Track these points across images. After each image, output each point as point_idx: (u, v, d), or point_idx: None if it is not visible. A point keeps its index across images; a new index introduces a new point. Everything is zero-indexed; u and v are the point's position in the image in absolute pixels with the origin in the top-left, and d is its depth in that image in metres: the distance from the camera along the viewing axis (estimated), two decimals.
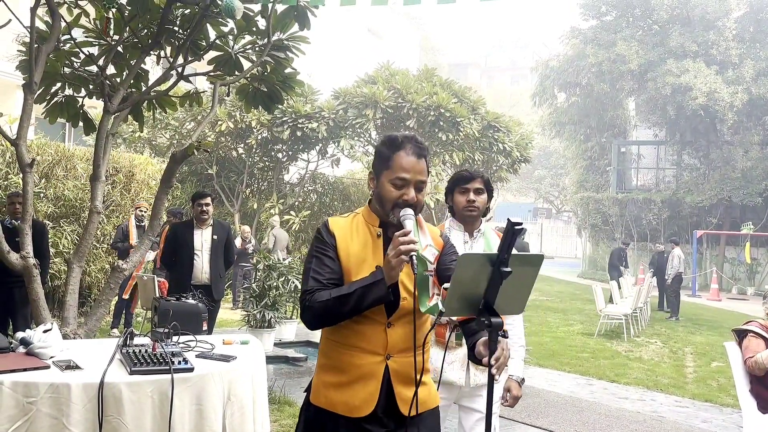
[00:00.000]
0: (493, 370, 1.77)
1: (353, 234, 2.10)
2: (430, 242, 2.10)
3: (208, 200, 6.09)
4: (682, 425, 5.84)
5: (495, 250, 2.82)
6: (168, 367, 2.63)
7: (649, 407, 6.44)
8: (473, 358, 1.95)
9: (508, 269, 1.73)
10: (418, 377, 2.05)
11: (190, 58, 5.12)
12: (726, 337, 8.00)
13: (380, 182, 2.07)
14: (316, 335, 8.97)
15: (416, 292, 1.98)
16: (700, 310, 15.57)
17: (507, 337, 1.82)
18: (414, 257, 1.88)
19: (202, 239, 6.06)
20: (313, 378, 2.17)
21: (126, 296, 8.46)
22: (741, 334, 4.71)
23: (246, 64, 5.20)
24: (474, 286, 1.78)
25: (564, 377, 7.60)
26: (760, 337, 4.51)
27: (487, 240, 2.91)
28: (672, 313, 13.62)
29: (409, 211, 2.00)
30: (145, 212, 8.35)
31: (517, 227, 1.72)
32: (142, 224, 8.31)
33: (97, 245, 9.18)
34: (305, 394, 2.22)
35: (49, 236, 7.15)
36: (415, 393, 2.02)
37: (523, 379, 3.02)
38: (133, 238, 8.19)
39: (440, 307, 1.89)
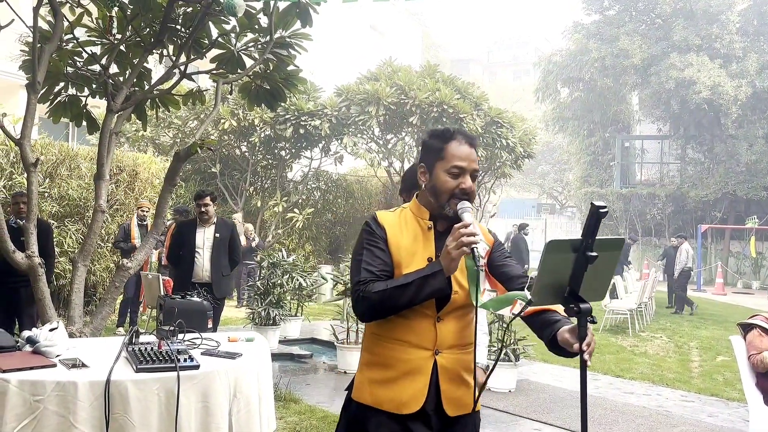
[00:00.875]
0: (586, 356, 1.75)
1: (402, 227, 2.08)
2: (481, 237, 2.09)
3: (207, 200, 6.09)
4: (688, 419, 5.83)
5: None
6: (174, 365, 2.63)
7: (655, 402, 6.44)
8: (555, 349, 1.91)
9: (594, 253, 1.71)
10: (467, 375, 2.05)
11: (192, 57, 5.12)
12: (731, 331, 7.99)
13: (434, 174, 2.05)
14: (321, 333, 9.00)
15: (476, 288, 1.95)
16: (705, 305, 15.52)
17: (595, 323, 1.81)
18: (475, 249, 1.88)
19: (204, 237, 6.07)
20: (356, 375, 2.13)
21: (141, 299, 8.51)
22: (746, 328, 4.70)
23: (248, 62, 5.20)
24: (559, 274, 1.76)
25: (569, 372, 7.59)
26: (766, 332, 4.50)
27: None
28: (677, 308, 13.58)
29: (467, 204, 2.00)
30: (147, 212, 8.39)
31: (602, 210, 1.71)
32: (144, 224, 8.36)
33: (102, 244, 9.20)
34: (346, 392, 2.18)
35: (54, 236, 7.17)
36: (481, 387, 2.01)
37: (488, 366, 3.00)
38: (135, 238, 8.23)
39: (528, 296, 1.86)
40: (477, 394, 2.06)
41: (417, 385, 1.99)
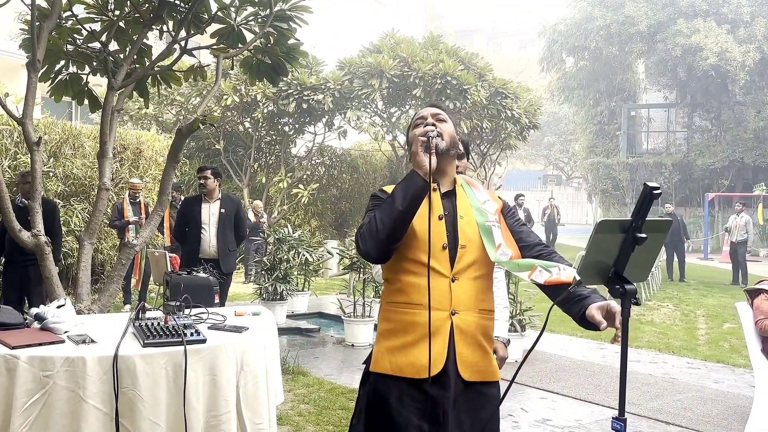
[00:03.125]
0: (619, 333, 1.76)
1: None
2: (488, 198, 2.18)
3: (207, 173, 6.13)
4: (694, 386, 5.87)
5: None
6: (180, 339, 2.66)
7: (661, 369, 6.47)
8: (584, 324, 1.91)
9: (644, 235, 1.71)
10: (485, 341, 2.11)
11: (192, 32, 5.08)
12: (738, 298, 8.00)
13: (409, 138, 2.17)
14: (328, 307, 9.06)
15: (490, 243, 2.02)
16: (712, 273, 15.54)
17: (639, 304, 1.84)
18: (431, 137, 1.98)
19: (210, 213, 6.09)
20: (374, 348, 2.14)
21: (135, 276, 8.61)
22: (753, 294, 4.70)
23: (249, 36, 5.15)
24: (606, 253, 1.77)
25: (576, 342, 7.64)
26: None
27: None
28: (742, 279, 13.15)
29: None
30: (138, 192, 8.47)
31: (655, 192, 1.70)
32: (137, 201, 8.43)
33: (108, 222, 9.26)
34: (364, 366, 2.20)
35: (60, 215, 7.20)
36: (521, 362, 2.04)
37: (509, 339, 3.04)
38: (128, 216, 8.30)
39: (577, 277, 1.88)
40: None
41: (436, 347, 1.99)
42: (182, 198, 8.28)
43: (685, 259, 14.20)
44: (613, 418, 1.74)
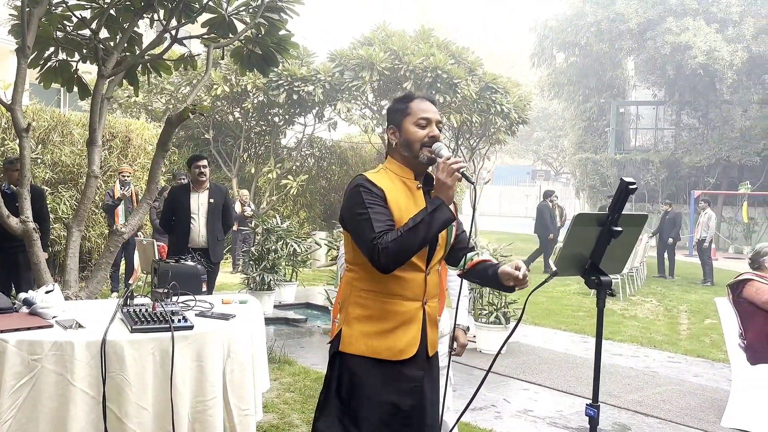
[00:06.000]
0: (520, 274, 2.06)
1: (395, 187, 2.20)
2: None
3: (205, 162, 6.09)
4: (674, 379, 5.98)
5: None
6: (168, 326, 2.69)
7: (643, 363, 6.58)
8: (496, 284, 2.18)
9: (619, 228, 1.77)
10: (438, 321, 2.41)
11: (183, 21, 5.09)
12: (721, 295, 8.12)
13: (404, 129, 2.22)
14: (315, 298, 9.11)
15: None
16: (696, 270, 15.68)
17: (615, 295, 1.93)
18: (465, 171, 2.08)
19: (199, 203, 6.08)
20: (343, 330, 2.22)
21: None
22: (737, 287, 4.79)
23: (240, 27, 5.17)
24: (583, 246, 1.85)
25: (559, 335, 7.74)
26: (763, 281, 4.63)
27: None
28: (706, 278, 13.16)
29: (439, 143, 2.18)
30: (128, 176, 8.42)
31: (631, 186, 1.75)
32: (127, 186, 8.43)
33: (96, 210, 9.23)
34: (329, 345, 2.30)
35: (48, 202, 7.18)
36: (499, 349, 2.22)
37: (468, 327, 3.18)
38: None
39: (553, 267, 2.04)
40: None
41: (411, 333, 2.19)
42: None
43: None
44: (587, 404, 1.80)
